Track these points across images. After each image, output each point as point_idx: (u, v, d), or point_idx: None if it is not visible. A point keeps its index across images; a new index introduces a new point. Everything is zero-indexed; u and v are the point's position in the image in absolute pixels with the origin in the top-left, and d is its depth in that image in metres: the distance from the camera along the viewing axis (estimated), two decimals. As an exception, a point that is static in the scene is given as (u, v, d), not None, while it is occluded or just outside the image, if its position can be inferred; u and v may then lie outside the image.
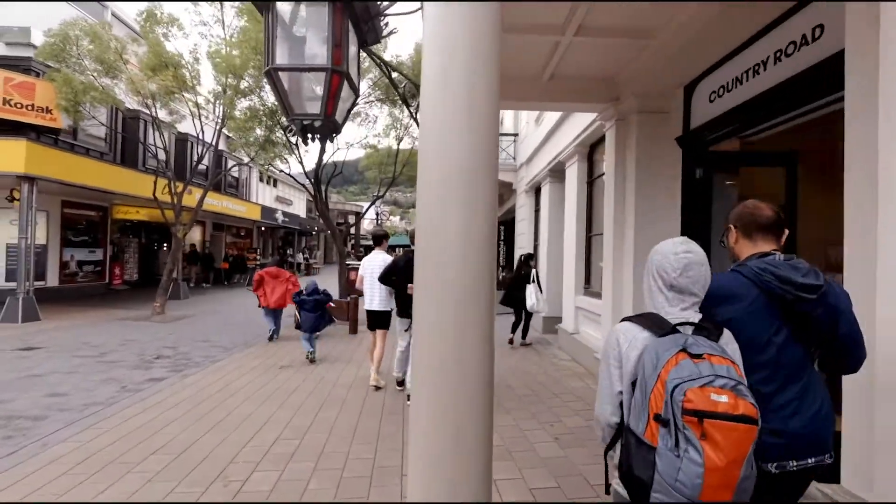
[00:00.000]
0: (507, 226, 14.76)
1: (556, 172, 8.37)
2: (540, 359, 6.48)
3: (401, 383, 4.66)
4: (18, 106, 9.46)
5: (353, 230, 40.97)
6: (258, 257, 20.08)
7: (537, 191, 10.19)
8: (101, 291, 13.90)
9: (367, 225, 56.17)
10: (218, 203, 16.54)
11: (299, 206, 33.64)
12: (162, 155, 10.93)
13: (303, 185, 11.45)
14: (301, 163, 11.05)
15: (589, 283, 6.98)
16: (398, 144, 11.72)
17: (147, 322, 9.40)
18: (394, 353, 4.79)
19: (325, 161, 10.89)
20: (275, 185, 29.39)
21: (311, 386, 5.02)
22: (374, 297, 4.80)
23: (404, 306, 4.38)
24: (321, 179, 10.81)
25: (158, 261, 17.71)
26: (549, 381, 5.34)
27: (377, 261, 4.83)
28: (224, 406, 4.32)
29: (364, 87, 11.03)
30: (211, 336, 8.08)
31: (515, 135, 12.43)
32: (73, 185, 10.11)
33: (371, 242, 5.41)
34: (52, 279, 12.26)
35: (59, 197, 12.44)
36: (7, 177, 8.96)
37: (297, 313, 6.34)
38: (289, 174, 11.71)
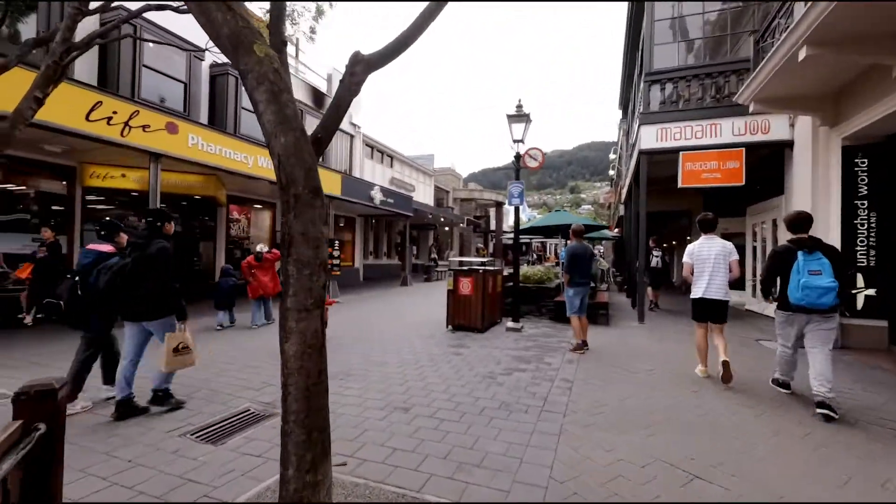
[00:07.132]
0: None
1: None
2: None
3: (783, 385, 4.29)
4: None
5: (493, 225, 32.62)
6: (335, 252, 12.39)
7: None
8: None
9: (512, 221, 47.63)
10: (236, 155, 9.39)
11: (426, 194, 26.40)
12: None
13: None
14: None
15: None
16: None
17: None
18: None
19: None
20: (391, 165, 22.79)
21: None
22: (712, 284, 4.60)
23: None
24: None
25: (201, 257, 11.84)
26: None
27: (716, 246, 4.66)
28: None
29: None
30: None
31: None
32: None
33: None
34: None
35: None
36: None
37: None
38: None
